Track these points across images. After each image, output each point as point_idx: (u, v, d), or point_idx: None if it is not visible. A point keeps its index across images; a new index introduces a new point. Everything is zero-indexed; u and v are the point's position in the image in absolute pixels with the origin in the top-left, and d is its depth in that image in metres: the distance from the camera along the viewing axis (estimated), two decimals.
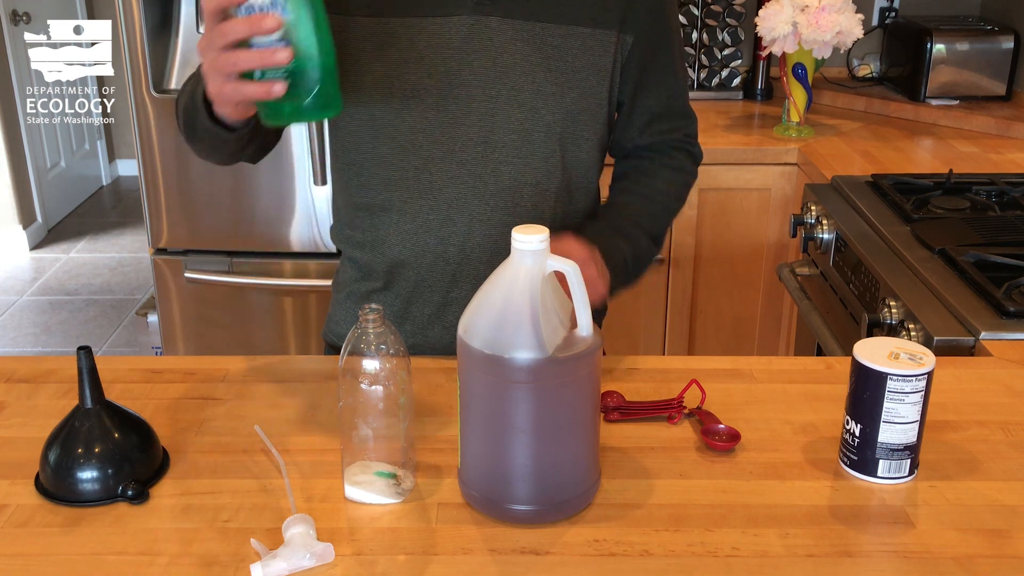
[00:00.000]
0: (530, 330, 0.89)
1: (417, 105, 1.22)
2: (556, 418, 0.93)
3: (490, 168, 1.24)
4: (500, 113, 1.22)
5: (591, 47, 1.24)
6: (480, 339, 0.91)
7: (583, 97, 1.25)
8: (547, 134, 1.24)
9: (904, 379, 0.98)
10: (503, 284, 0.91)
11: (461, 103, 1.22)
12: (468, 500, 0.98)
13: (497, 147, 1.24)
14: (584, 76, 1.24)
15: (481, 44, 1.21)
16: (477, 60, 1.21)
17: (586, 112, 1.26)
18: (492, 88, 1.22)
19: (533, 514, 0.95)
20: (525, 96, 1.22)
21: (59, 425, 1.01)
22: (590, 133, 1.28)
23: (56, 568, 0.89)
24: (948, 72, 2.69)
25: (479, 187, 1.24)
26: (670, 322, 2.61)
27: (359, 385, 0.95)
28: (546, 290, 0.90)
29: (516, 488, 0.94)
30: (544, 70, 1.22)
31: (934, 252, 1.69)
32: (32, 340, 3.76)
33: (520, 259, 0.90)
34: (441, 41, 1.20)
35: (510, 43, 1.21)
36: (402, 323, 1.32)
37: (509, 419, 0.92)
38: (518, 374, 0.90)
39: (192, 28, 2.48)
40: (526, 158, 1.24)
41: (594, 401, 0.96)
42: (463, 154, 1.23)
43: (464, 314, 0.94)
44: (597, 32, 1.24)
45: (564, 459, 0.95)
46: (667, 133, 1.36)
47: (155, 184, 2.53)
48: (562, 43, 1.22)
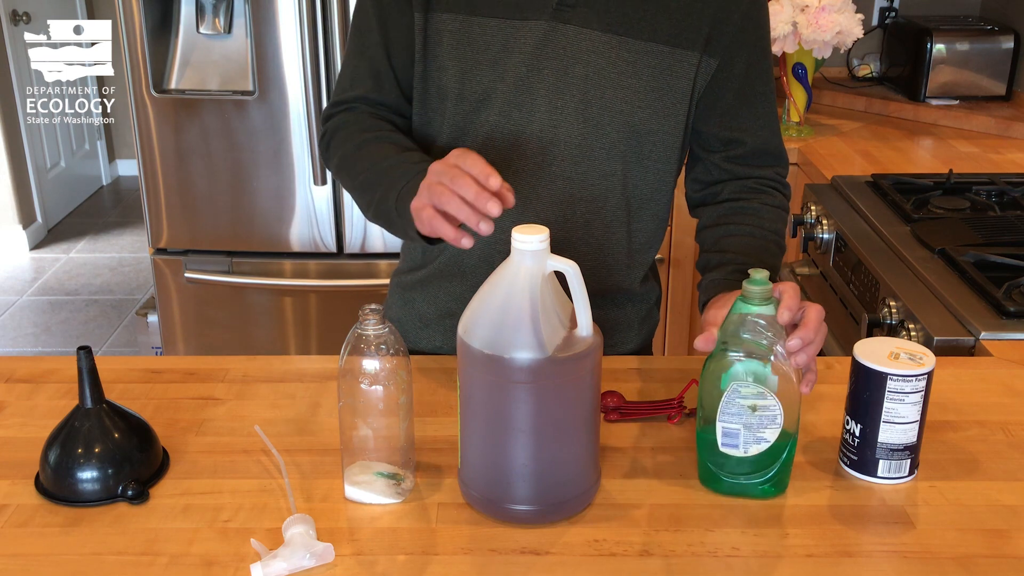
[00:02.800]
0: (530, 330, 0.89)
1: (484, 109, 1.19)
2: (556, 418, 0.93)
3: (545, 180, 1.21)
4: (563, 124, 1.19)
5: (669, 66, 1.18)
6: (480, 339, 0.91)
7: (653, 117, 1.20)
8: (609, 151, 1.20)
9: (904, 379, 0.98)
10: (503, 284, 0.91)
11: (525, 111, 1.19)
12: (468, 500, 0.98)
13: (556, 159, 1.20)
14: (657, 96, 1.19)
15: (554, 52, 1.17)
16: (548, 68, 1.17)
17: (656, 133, 1.21)
18: (559, 99, 1.18)
19: (533, 514, 0.95)
20: (592, 110, 1.18)
21: (59, 425, 1.01)
22: (658, 155, 1.23)
23: (56, 568, 0.89)
24: (948, 72, 2.69)
25: (532, 197, 1.21)
26: (670, 322, 2.61)
27: (359, 385, 0.95)
28: (546, 290, 0.90)
29: (516, 488, 0.94)
30: (615, 86, 1.18)
31: (934, 252, 1.69)
32: (32, 340, 3.77)
33: (520, 259, 0.90)
34: (515, 45, 1.17)
35: (584, 54, 1.17)
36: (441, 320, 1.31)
37: (509, 419, 0.92)
38: (518, 374, 0.90)
39: (192, 28, 2.48)
40: (584, 173, 1.21)
41: (594, 401, 0.96)
42: (520, 163, 1.20)
43: (464, 314, 0.94)
44: (677, 52, 1.18)
45: (564, 459, 0.95)
46: (761, 169, 1.28)
47: (155, 184, 2.53)
48: (638, 59, 1.17)
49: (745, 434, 0.97)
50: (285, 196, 2.52)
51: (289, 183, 2.51)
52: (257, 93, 2.43)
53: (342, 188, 2.48)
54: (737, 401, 0.95)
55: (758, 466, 0.98)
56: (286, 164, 2.49)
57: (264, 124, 2.46)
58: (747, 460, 0.98)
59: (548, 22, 1.17)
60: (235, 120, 2.46)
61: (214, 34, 2.49)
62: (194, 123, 2.47)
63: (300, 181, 2.50)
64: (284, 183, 2.51)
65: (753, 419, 0.96)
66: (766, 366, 0.95)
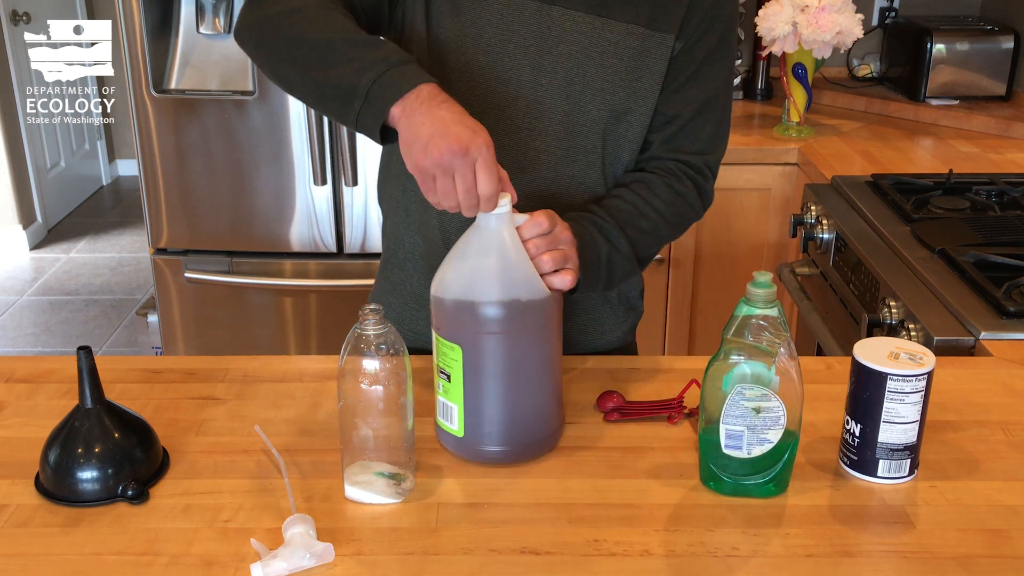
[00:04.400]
0: (496, 284, 0.99)
1: (466, 81, 1.21)
2: (522, 364, 1.02)
3: (531, 156, 1.23)
4: (547, 102, 1.22)
5: (648, 48, 1.21)
6: (452, 294, 1.00)
7: (631, 97, 1.23)
8: (591, 129, 1.23)
9: (904, 379, 0.98)
10: (472, 245, 1.00)
11: (510, 87, 1.21)
12: (445, 445, 1.07)
13: (540, 135, 1.23)
14: (636, 77, 1.22)
15: (539, 31, 1.20)
16: (533, 46, 1.20)
17: (632, 113, 1.24)
18: (542, 76, 1.21)
19: (503, 455, 1.04)
20: (574, 89, 1.21)
21: (59, 425, 1.01)
22: (633, 135, 1.25)
23: (56, 568, 0.89)
24: (948, 72, 2.69)
25: (519, 174, 1.21)
26: (670, 322, 2.61)
27: (359, 385, 0.95)
28: (511, 248, 1.00)
29: (487, 430, 1.03)
30: (596, 65, 1.21)
31: (934, 252, 1.69)
32: (32, 340, 3.77)
33: (486, 222, 1.00)
34: (503, 23, 1.19)
35: (568, 34, 1.20)
36: None
37: (480, 366, 1.01)
38: (487, 324, 0.99)
39: (192, 28, 2.48)
40: (567, 150, 1.23)
41: (556, 348, 1.06)
42: (506, 139, 1.22)
43: (436, 275, 1.03)
44: (656, 35, 1.21)
45: (530, 402, 1.05)
46: (685, 155, 1.28)
47: (155, 184, 2.53)
48: (620, 40, 1.21)
49: (749, 436, 0.97)
50: (285, 196, 2.52)
51: (289, 183, 2.51)
52: (257, 93, 2.43)
53: (340, 183, 2.48)
54: (741, 403, 0.96)
55: (761, 466, 0.98)
56: (286, 164, 2.49)
57: (264, 124, 2.46)
58: (750, 461, 0.98)
59: (536, 2, 1.19)
60: (235, 120, 2.46)
61: (214, 34, 2.49)
62: (194, 123, 2.47)
63: (300, 181, 2.50)
64: (284, 183, 2.51)
65: (757, 421, 0.96)
66: (770, 368, 0.95)
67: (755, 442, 0.97)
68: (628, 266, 1.23)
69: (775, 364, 0.95)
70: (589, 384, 1.20)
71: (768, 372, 0.95)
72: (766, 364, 0.95)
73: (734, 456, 0.98)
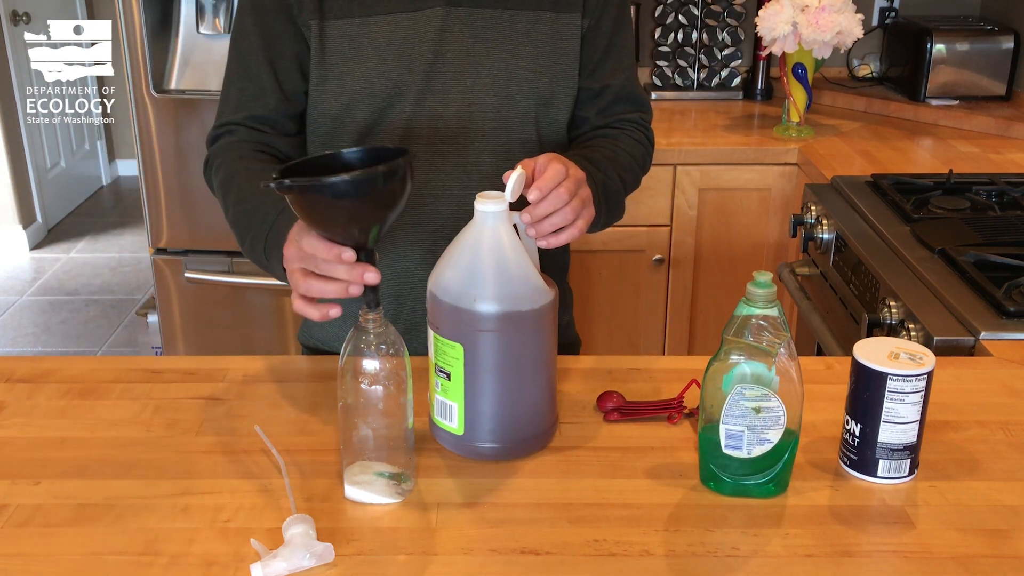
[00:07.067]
0: (493, 283, 0.99)
1: (398, 102, 1.24)
2: (518, 363, 1.03)
3: (472, 158, 1.26)
4: (477, 102, 1.25)
5: (558, 31, 1.26)
6: (449, 294, 1.00)
7: (554, 81, 1.27)
8: (523, 119, 1.27)
9: (904, 379, 0.98)
10: (469, 243, 1.01)
11: (439, 96, 1.24)
12: (441, 442, 1.07)
13: (477, 136, 1.26)
14: (554, 60, 1.27)
15: (453, 35, 1.23)
16: (451, 51, 1.23)
17: (558, 96, 1.28)
18: (468, 78, 1.24)
19: (498, 451, 1.04)
20: (500, 84, 1.25)
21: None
22: (563, 116, 1.30)
23: (56, 568, 0.89)
24: (948, 72, 2.69)
25: (463, 177, 1.26)
26: (670, 322, 2.61)
27: (359, 385, 0.95)
28: (508, 248, 1.00)
29: (483, 427, 1.03)
30: (515, 56, 1.25)
31: (934, 252, 1.69)
32: (32, 340, 3.77)
33: (483, 220, 1.00)
34: (416, 35, 1.22)
35: (481, 32, 1.23)
36: (394, 320, 1.31)
37: (477, 364, 1.01)
38: (484, 323, 0.99)
39: (192, 28, 2.48)
40: (505, 144, 1.27)
41: (551, 347, 1.06)
42: (444, 146, 1.25)
43: (432, 272, 1.03)
44: (562, 16, 1.26)
45: (525, 400, 1.05)
46: (627, 114, 1.36)
47: (155, 184, 2.53)
48: (531, 28, 1.25)
49: (749, 436, 0.97)
50: None
51: None
52: None
53: None
54: (741, 403, 0.96)
55: (761, 466, 0.98)
56: None
57: None
58: (750, 461, 0.98)
59: (443, 7, 1.22)
60: None
61: (214, 34, 2.49)
62: (194, 123, 2.47)
63: None
64: None
65: (757, 421, 0.96)
66: (770, 368, 0.95)
67: (755, 442, 0.97)
68: (618, 195, 1.28)
69: (775, 364, 0.95)
70: (589, 384, 1.20)
71: (768, 372, 0.95)
72: (766, 364, 0.95)
73: (734, 456, 0.98)
